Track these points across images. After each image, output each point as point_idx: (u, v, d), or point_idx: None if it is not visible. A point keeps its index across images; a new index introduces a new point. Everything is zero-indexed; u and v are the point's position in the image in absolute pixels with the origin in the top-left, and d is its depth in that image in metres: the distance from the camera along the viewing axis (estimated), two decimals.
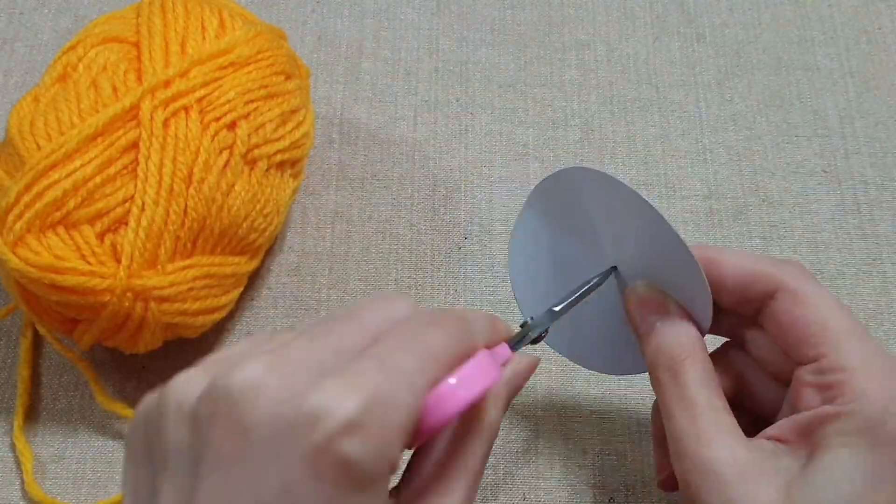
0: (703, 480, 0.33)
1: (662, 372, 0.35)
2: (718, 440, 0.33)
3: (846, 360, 0.33)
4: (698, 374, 0.35)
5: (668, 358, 0.35)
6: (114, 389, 0.45)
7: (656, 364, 0.36)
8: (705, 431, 0.33)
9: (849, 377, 0.33)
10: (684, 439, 0.34)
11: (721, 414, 0.34)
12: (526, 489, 0.43)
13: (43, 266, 0.38)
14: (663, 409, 0.35)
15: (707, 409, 0.34)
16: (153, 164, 0.40)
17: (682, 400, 0.34)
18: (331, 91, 0.54)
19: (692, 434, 0.33)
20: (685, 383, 0.35)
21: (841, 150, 0.52)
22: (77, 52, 0.43)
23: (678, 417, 0.34)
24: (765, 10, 0.57)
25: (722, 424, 0.34)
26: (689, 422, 0.34)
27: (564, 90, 0.54)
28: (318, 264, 0.49)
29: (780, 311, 0.35)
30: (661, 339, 0.36)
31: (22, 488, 0.43)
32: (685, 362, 0.35)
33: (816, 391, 0.33)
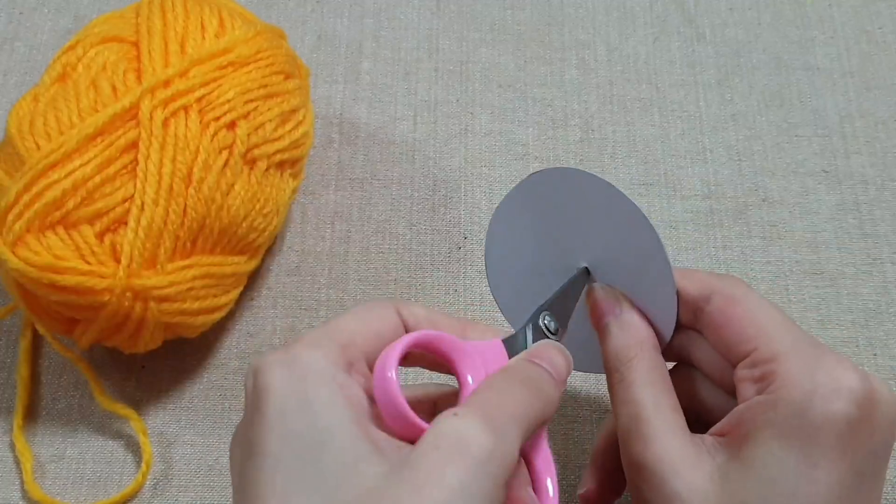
0: (640, 478, 0.33)
1: (612, 373, 0.36)
2: (657, 438, 0.33)
3: (776, 349, 0.34)
4: (644, 373, 0.35)
5: (616, 359, 0.36)
6: (113, 389, 0.45)
7: (608, 367, 0.36)
8: (645, 430, 0.34)
9: (777, 366, 0.33)
10: (627, 439, 0.34)
11: (664, 412, 0.34)
12: None
13: (42, 266, 0.38)
14: (613, 409, 0.36)
15: (649, 408, 0.34)
16: (153, 163, 0.40)
17: (627, 400, 0.35)
18: (330, 91, 0.54)
19: (633, 433, 0.34)
20: (630, 383, 0.35)
21: (841, 149, 0.52)
22: (77, 51, 0.43)
23: (622, 416, 0.35)
24: (765, 10, 0.57)
25: (663, 423, 0.34)
26: (631, 421, 0.34)
27: (564, 90, 0.54)
28: (318, 264, 0.49)
29: (714, 312, 0.36)
30: (612, 340, 0.36)
31: (22, 488, 0.43)
32: (632, 362, 0.35)
33: (751, 384, 0.34)
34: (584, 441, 0.44)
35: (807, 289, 0.48)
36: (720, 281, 0.36)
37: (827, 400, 0.32)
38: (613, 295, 0.37)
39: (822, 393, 0.32)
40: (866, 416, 0.32)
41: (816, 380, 0.32)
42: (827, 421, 0.32)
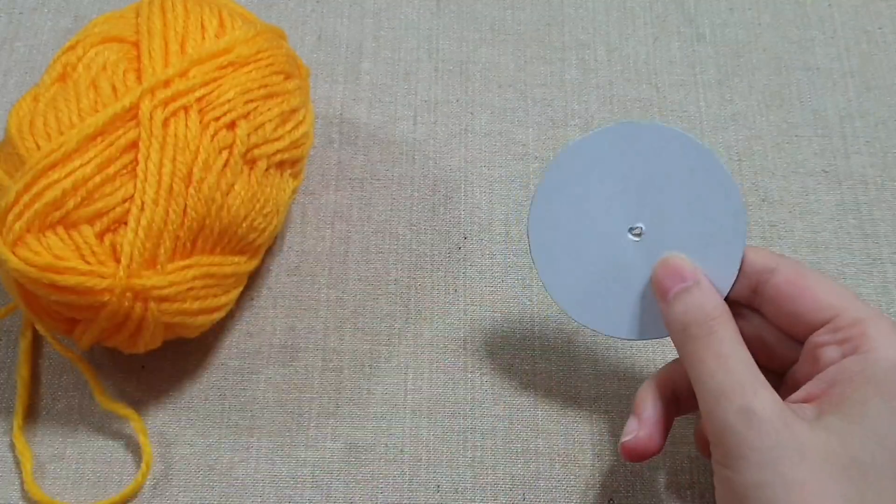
0: (749, 426, 0.33)
1: (696, 327, 0.36)
2: (762, 390, 0.34)
3: (858, 314, 0.35)
4: (733, 332, 0.36)
5: (702, 314, 0.36)
6: (113, 389, 0.45)
7: (687, 321, 0.36)
8: (749, 382, 0.34)
9: (865, 328, 0.34)
10: (726, 388, 0.34)
11: (757, 370, 0.35)
12: (526, 489, 0.43)
13: (42, 266, 0.38)
14: (697, 366, 0.35)
15: (746, 362, 0.35)
16: (153, 163, 0.40)
17: (719, 354, 0.35)
18: (330, 91, 0.54)
19: (734, 382, 0.34)
20: (722, 339, 0.36)
21: (841, 149, 0.52)
22: (76, 51, 0.43)
23: (717, 369, 0.35)
24: (765, 9, 0.57)
25: (761, 378, 0.35)
26: (730, 372, 0.34)
27: (564, 90, 0.54)
28: (318, 264, 0.49)
29: (783, 283, 0.37)
30: (694, 298, 0.37)
31: (21, 488, 0.43)
32: (719, 319, 0.36)
33: (836, 347, 0.35)
34: (584, 441, 0.44)
35: None
36: (783, 258, 0.38)
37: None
38: (689, 263, 0.38)
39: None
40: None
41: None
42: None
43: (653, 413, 0.38)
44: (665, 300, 0.38)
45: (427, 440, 0.44)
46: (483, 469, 0.44)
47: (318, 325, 0.47)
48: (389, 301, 0.48)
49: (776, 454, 0.32)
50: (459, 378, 0.46)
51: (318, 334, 0.47)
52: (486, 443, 0.44)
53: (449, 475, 0.43)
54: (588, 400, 0.45)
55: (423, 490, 0.43)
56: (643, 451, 0.38)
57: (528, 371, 0.46)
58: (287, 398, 0.45)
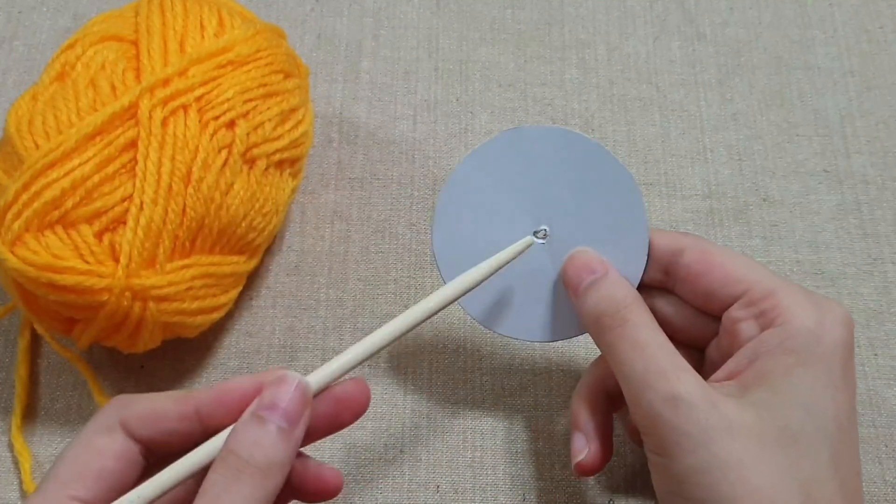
0: (676, 412, 0.33)
1: (609, 318, 0.36)
2: (684, 374, 0.34)
3: (770, 286, 0.35)
4: (647, 317, 0.36)
5: (613, 304, 0.36)
6: (112, 389, 0.45)
7: (600, 312, 0.36)
8: (669, 367, 0.34)
9: (779, 300, 0.35)
10: (648, 378, 0.34)
11: (677, 353, 0.35)
12: (526, 489, 0.43)
13: (41, 265, 0.38)
14: (617, 358, 0.35)
15: (664, 348, 0.35)
16: (152, 162, 0.39)
17: (636, 343, 0.35)
18: (330, 90, 0.54)
19: (655, 371, 0.34)
20: (636, 325, 0.35)
21: (842, 149, 0.52)
22: (75, 50, 0.43)
23: (636, 360, 0.35)
24: (765, 9, 0.57)
25: (681, 361, 0.35)
26: (649, 361, 0.34)
27: (564, 89, 0.54)
28: (318, 264, 0.49)
29: (693, 262, 0.37)
30: (604, 290, 0.37)
31: (20, 488, 0.43)
32: (631, 306, 0.36)
33: (753, 321, 0.35)
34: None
35: (807, 289, 0.48)
36: (688, 237, 0.38)
37: (833, 327, 0.34)
38: (596, 256, 0.38)
39: (828, 321, 0.34)
40: (852, 342, 0.35)
41: (821, 310, 0.34)
42: (837, 346, 0.34)
43: (593, 423, 0.39)
44: (576, 295, 0.38)
45: (427, 440, 0.44)
46: (483, 469, 0.43)
47: (317, 324, 0.47)
48: (389, 301, 0.48)
49: (707, 436, 0.32)
50: (459, 378, 0.46)
51: (318, 334, 0.47)
52: (486, 443, 0.44)
53: (449, 475, 0.43)
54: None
55: (422, 490, 0.43)
56: (598, 466, 0.38)
57: (528, 371, 0.46)
58: None
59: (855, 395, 0.35)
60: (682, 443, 0.33)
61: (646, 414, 0.34)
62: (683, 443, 0.33)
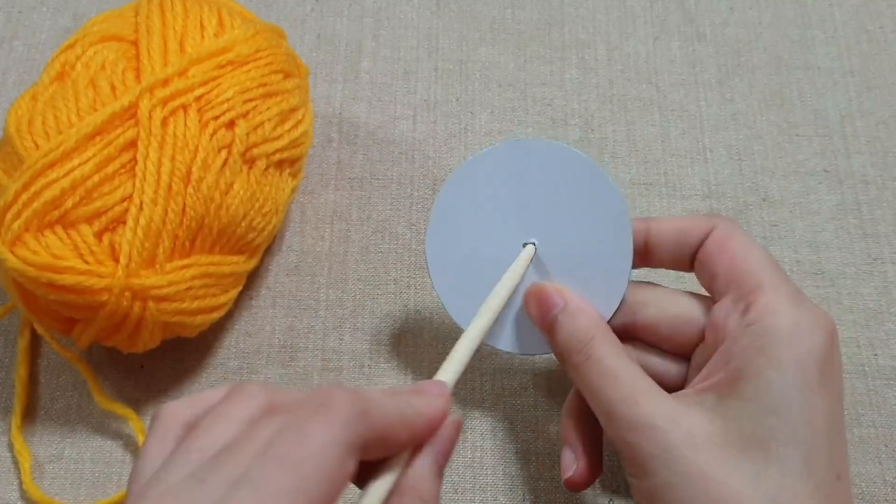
0: (640, 436, 0.34)
1: (575, 355, 0.37)
2: (645, 397, 0.35)
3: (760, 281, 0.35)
4: (609, 347, 0.37)
5: (577, 341, 0.37)
6: (112, 389, 0.45)
7: (568, 351, 0.37)
8: (631, 393, 0.35)
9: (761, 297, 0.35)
10: (613, 406, 0.35)
11: (640, 377, 0.36)
12: (526, 489, 0.43)
13: (41, 265, 0.38)
14: (586, 390, 0.36)
15: (626, 374, 0.36)
16: (151, 162, 0.39)
17: (601, 373, 0.36)
18: (330, 90, 0.54)
19: (618, 398, 0.35)
20: (600, 357, 0.36)
21: (842, 149, 0.52)
22: (75, 50, 0.43)
23: (602, 389, 0.36)
24: (765, 9, 0.57)
25: (643, 385, 0.35)
26: (613, 389, 0.35)
27: (564, 89, 0.54)
28: (317, 264, 0.49)
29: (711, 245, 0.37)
30: (565, 329, 0.38)
31: (20, 488, 0.43)
32: (594, 340, 0.37)
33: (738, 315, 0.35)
34: None
35: (807, 289, 0.48)
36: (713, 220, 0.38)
37: (811, 332, 0.34)
38: (553, 288, 0.39)
39: (805, 325, 0.34)
40: (836, 347, 0.35)
41: (799, 313, 0.34)
42: (812, 351, 0.34)
43: (583, 439, 0.39)
44: (544, 333, 0.39)
45: None
46: (483, 469, 0.43)
47: (317, 324, 0.47)
48: (389, 301, 0.48)
49: (669, 455, 0.33)
50: (459, 378, 0.46)
51: (318, 334, 0.47)
52: (486, 443, 0.44)
53: (449, 475, 0.43)
54: None
55: None
56: (588, 481, 0.39)
57: (528, 371, 0.46)
58: None
59: (838, 400, 0.35)
60: (647, 464, 0.34)
61: (616, 440, 0.35)
62: (649, 464, 0.34)
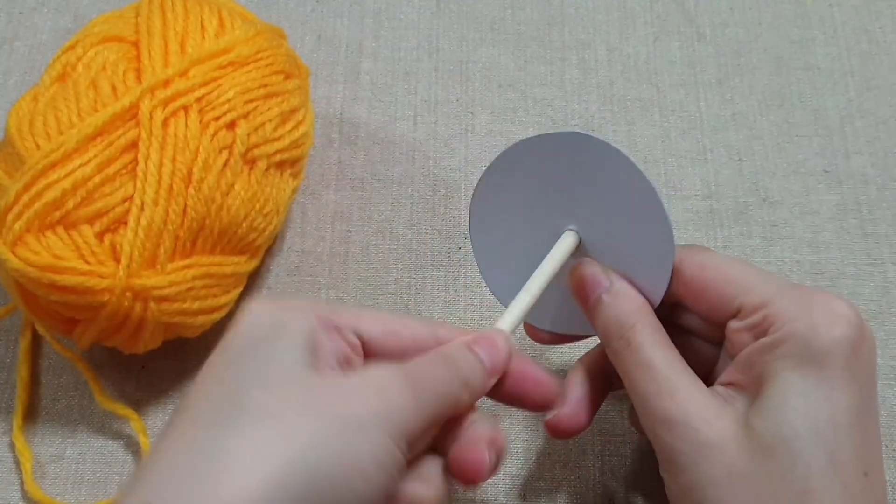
0: (670, 432, 0.34)
1: (615, 341, 0.36)
2: (680, 392, 0.34)
3: (763, 296, 0.35)
4: (650, 336, 0.36)
5: (618, 326, 0.36)
6: (113, 389, 0.45)
7: (609, 335, 0.37)
8: (666, 387, 0.35)
9: (771, 309, 0.35)
10: (648, 398, 0.35)
11: (677, 369, 0.35)
12: (526, 489, 0.43)
13: (42, 266, 0.38)
14: (623, 377, 0.36)
15: (664, 367, 0.35)
16: (152, 163, 0.39)
17: (638, 364, 0.35)
18: (330, 91, 0.54)
19: (653, 392, 0.35)
20: (639, 347, 0.36)
21: (842, 149, 0.52)
22: (76, 51, 0.43)
23: (638, 380, 0.35)
24: (765, 9, 0.57)
25: (680, 378, 0.35)
26: (649, 381, 0.35)
27: (564, 90, 0.54)
28: (318, 264, 0.49)
29: (690, 282, 0.37)
30: (609, 310, 0.37)
31: (21, 489, 0.43)
32: (635, 327, 0.36)
33: (749, 333, 0.35)
34: (584, 441, 0.44)
35: None
36: (684, 250, 0.37)
37: (829, 327, 0.34)
38: (600, 269, 0.38)
39: (823, 322, 0.34)
40: (862, 339, 0.34)
41: (813, 311, 0.34)
42: (835, 345, 0.33)
43: (578, 391, 0.38)
44: (587, 313, 0.38)
45: None
46: None
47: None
48: (389, 301, 0.48)
49: (699, 454, 0.33)
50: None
51: None
52: None
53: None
54: None
55: None
56: (566, 429, 0.38)
57: None
58: None
59: (868, 390, 0.34)
60: (677, 461, 0.34)
61: (648, 433, 0.35)
62: (678, 461, 0.34)
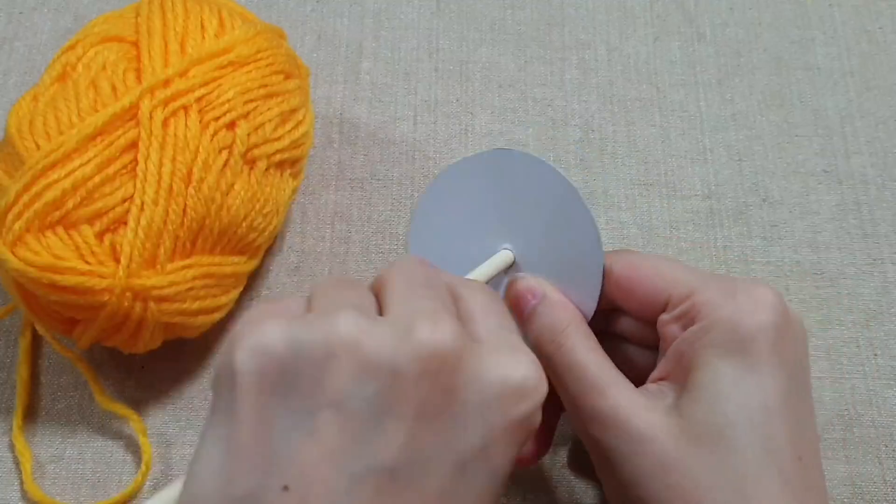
0: (601, 428, 0.34)
1: (547, 345, 0.37)
2: (610, 389, 0.35)
3: (689, 286, 0.36)
4: (581, 340, 0.37)
5: (549, 332, 0.37)
6: (113, 389, 0.45)
7: (541, 342, 0.37)
8: (596, 384, 0.35)
9: (696, 298, 0.35)
10: (578, 397, 0.35)
11: (608, 369, 0.36)
12: (526, 489, 0.43)
13: (42, 266, 0.38)
14: (555, 381, 0.36)
15: (594, 367, 0.36)
16: (152, 163, 0.39)
17: (570, 365, 0.36)
18: (330, 91, 0.54)
19: (583, 390, 0.35)
20: (570, 348, 0.36)
21: (841, 149, 0.52)
22: (76, 51, 0.43)
23: (569, 381, 0.36)
24: (765, 9, 0.57)
25: (610, 376, 0.35)
26: (580, 381, 0.35)
27: (564, 90, 0.54)
28: (318, 264, 0.49)
29: (620, 281, 0.38)
30: (541, 319, 0.38)
31: (21, 489, 0.43)
32: (566, 331, 0.37)
33: (677, 324, 0.36)
34: None
35: (807, 289, 0.48)
36: (613, 254, 0.38)
37: (753, 313, 0.34)
38: (535, 281, 0.39)
39: (748, 308, 0.34)
40: (787, 324, 0.34)
41: (738, 299, 0.34)
42: (759, 331, 0.34)
43: None
44: (521, 325, 0.39)
45: None
46: None
47: None
48: None
49: (630, 448, 0.33)
50: None
51: None
52: None
53: None
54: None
55: None
56: (532, 460, 0.39)
57: None
58: None
59: (798, 374, 0.34)
60: (611, 458, 0.34)
61: (581, 433, 0.36)
62: (612, 457, 0.34)
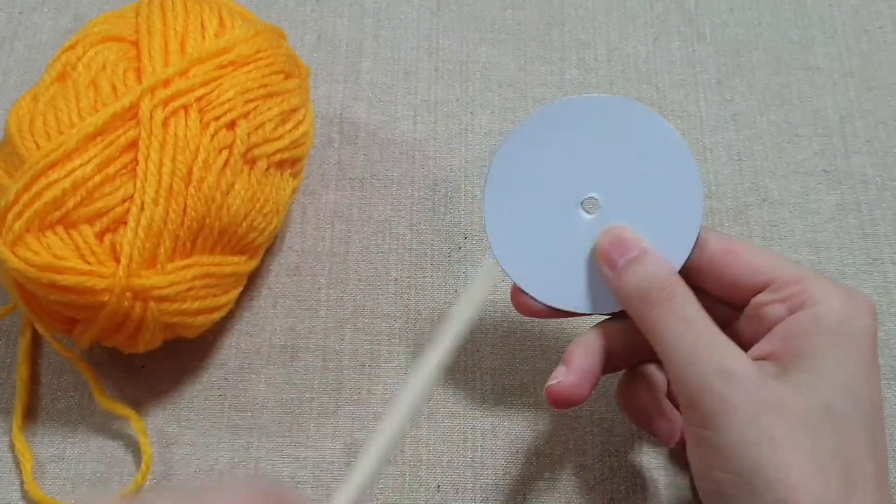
0: (727, 384, 0.33)
1: (656, 293, 0.36)
2: (734, 351, 0.34)
3: (798, 273, 0.36)
4: (692, 296, 0.36)
5: (658, 281, 0.36)
6: (113, 389, 0.45)
7: (645, 288, 0.36)
8: (721, 343, 0.34)
9: (808, 284, 0.35)
10: (699, 352, 0.34)
11: (721, 332, 0.35)
12: (526, 489, 0.43)
13: (42, 265, 0.38)
14: (660, 331, 0.35)
15: (712, 325, 0.35)
16: (152, 163, 0.40)
17: (684, 318, 0.35)
18: (330, 90, 0.54)
19: (702, 346, 0.34)
20: (684, 302, 0.35)
21: (841, 149, 0.52)
22: (76, 51, 0.43)
23: (683, 334, 0.34)
24: (765, 9, 0.57)
25: (729, 340, 0.35)
26: (698, 336, 0.34)
27: (564, 90, 0.54)
28: (318, 264, 0.49)
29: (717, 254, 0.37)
30: (646, 267, 0.37)
31: (21, 488, 0.43)
32: (676, 283, 0.36)
33: (780, 304, 0.36)
34: (584, 441, 0.44)
35: None
36: (711, 231, 0.38)
37: (862, 314, 0.35)
38: (633, 234, 0.38)
39: (857, 308, 0.35)
40: (877, 332, 0.35)
41: (848, 296, 0.35)
42: (865, 333, 0.34)
43: (582, 363, 0.38)
44: (615, 270, 0.37)
45: (427, 440, 0.44)
46: (483, 469, 0.44)
47: (318, 325, 0.47)
48: (389, 301, 0.48)
49: (757, 412, 0.33)
50: (459, 378, 0.46)
51: (318, 334, 0.47)
52: (486, 443, 0.44)
53: (449, 475, 0.43)
54: (588, 400, 0.45)
55: (423, 490, 0.43)
56: (567, 398, 0.37)
57: (528, 371, 0.46)
58: (287, 398, 0.45)
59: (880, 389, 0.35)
60: (730, 415, 0.33)
61: (695, 386, 0.34)
62: (732, 416, 0.33)
